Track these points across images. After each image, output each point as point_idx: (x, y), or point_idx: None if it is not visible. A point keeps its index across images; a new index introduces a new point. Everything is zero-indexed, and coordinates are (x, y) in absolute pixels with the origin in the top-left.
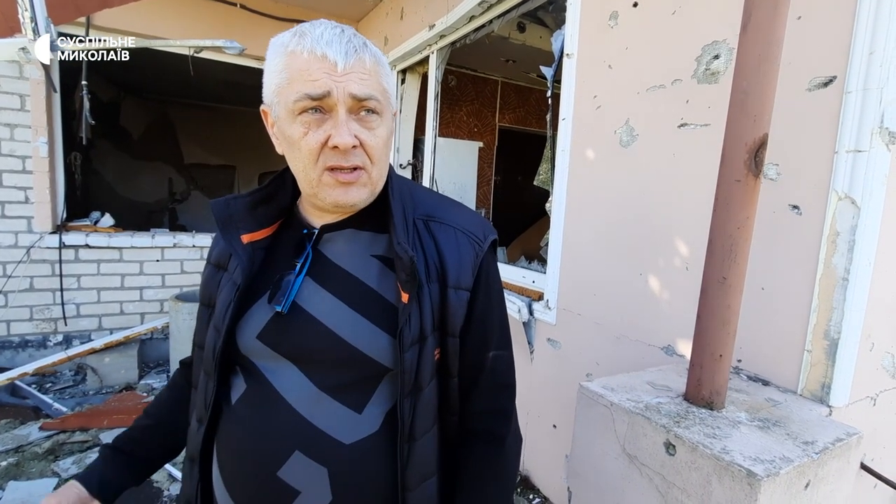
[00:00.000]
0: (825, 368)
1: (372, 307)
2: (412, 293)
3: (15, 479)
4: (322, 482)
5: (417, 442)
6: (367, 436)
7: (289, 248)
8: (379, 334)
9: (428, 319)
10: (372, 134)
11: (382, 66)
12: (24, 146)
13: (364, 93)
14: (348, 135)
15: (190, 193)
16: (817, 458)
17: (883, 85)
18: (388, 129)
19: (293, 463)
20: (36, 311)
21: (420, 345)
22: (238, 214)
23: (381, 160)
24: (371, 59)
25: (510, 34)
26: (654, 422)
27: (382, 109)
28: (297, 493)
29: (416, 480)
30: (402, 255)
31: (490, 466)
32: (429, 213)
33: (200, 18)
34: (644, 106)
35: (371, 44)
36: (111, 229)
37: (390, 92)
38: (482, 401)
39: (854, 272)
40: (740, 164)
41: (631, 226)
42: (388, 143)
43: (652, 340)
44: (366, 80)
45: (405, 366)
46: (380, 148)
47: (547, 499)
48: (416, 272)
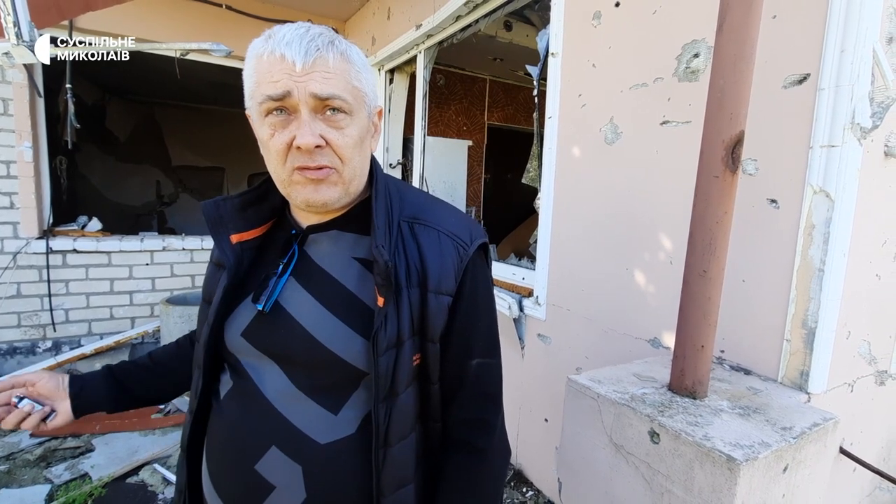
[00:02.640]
0: (803, 357)
1: (349, 310)
2: (388, 297)
3: (7, 487)
4: (296, 479)
5: (393, 448)
6: (343, 437)
7: (277, 248)
8: (354, 338)
9: (406, 324)
10: (340, 133)
11: (352, 64)
12: (9, 151)
13: (326, 92)
14: (310, 135)
15: (178, 196)
16: (795, 443)
17: (854, 82)
18: (360, 127)
19: (270, 458)
20: (24, 318)
21: (397, 349)
22: (228, 215)
23: (353, 160)
24: (336, 57)
25: (497, 33)
26: (638, 412)
27: (351, 108)
28: (272, 489)
29: (392, 486)
30: (378, 259)
31: (468, 478)
32: (415, 214)
33: (185, 20)
34: (628, 104)
35: (344, 42)
36: (99, 233)
37: (365, 90)
38: (463, 410)
39: (829, 263)
40: (718, 160)
41: (617, 222)
42: (361, 142)
43: (639, 333)
44: (329, 78)
45: (379, 370)
46: (349, 147)
47: (540, 491)
48: (391, 276)
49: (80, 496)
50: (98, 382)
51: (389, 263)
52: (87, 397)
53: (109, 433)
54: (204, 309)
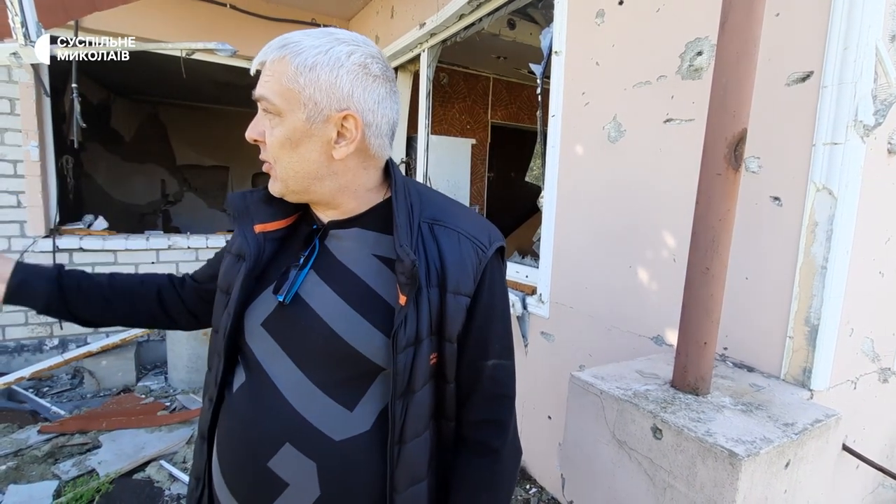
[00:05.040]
0: (806, 354)
1: (370, 306)
2: (410, 296)
3: (15, 483)
4: (311, 476)
5: (408, 444)
6: (358, 434)
7: (299, 242)
8: (374, 333)
9: (425, 323)
10: (269, 133)
11: (290, 65)
12: (16, 150)
13: (256, 93)
14: (250, 129)
15: (183, 195)
16: (797, 439)
17: (857, 79)
18: (291, 130)
19: (283, 455)
20: (31, 316)
21: (415, 347)
22: (254, 206)
23: (281, 159)
24: (276, 60)
25: (501, 31)
26: (641, 408)
27: (279, 110)
28: (286, 486)
29: (406, 483)
30: (403, 258)
31: (483, 477)
32: (435, 216)
33: (190, 19)
34: (631, 102)
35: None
36: (105, 232)
37: (304, 92)
38: (479, 410)
39: (832, 260)
40: (720, 158)
41: (620, 219)
42: (290, 143)
43: (642, 331)
44: (267, 81)
45: (398, 367)
46: (274, 147)
47: (543, 488)
48: (416, 275)
49: (87, 492)
50: (40, 283)
51: (417, 263)
52: (23, 292)
53: (116, 430)
54: (221, 299)
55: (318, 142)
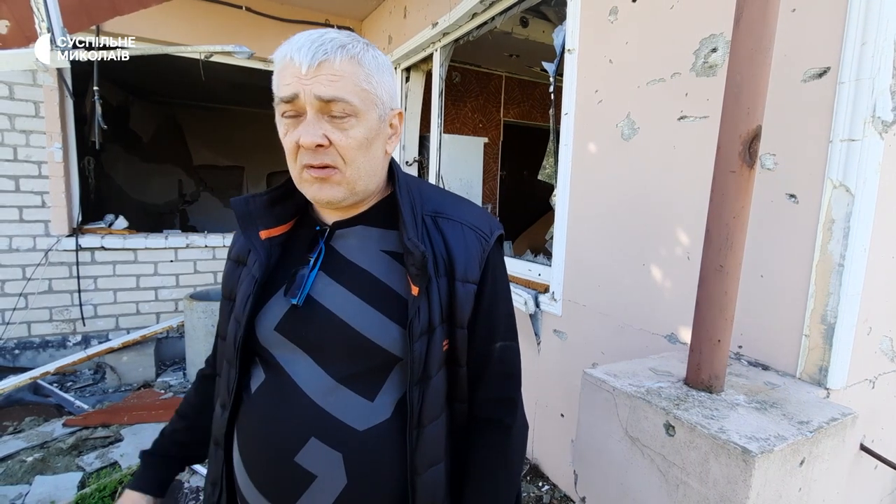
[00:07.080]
0: (822, 352)
1: (382, 300)
2: (422, 286)
3: (41, 474)
4: (337, 467)
5: (426, 428)
6: (379, 423)
7: (303, 244)
8: (389, 325)
9: (436, 312)
10: (344, 134)
11: (363, 67)
12: (40, 151)
13: (328, 94)
14: (311, 134)
15: (200, 195)
16: (811, 437)
17: (875, 75)
18: (368, 129)
19: (309, 449)
20: (55, 313)
21: (429, 335)
22: (257, 211)
23: (356, 160)
24: (344, 60)
25: (513, 29)
26: (654, 405)
27: (357, 111)
28: (313, 478)
29: (425, 465)
30: (413, 251)
31: (497, 453)
32: (437, 209)
33: (207, 22)
34: (644, 99)
35: (360, 46)
36: (125, 231)
37: (376, 93)
38: (490, 390)
39: (849, 258)
40: (735, 155)
41: (633, 217)
42: (367, 143)
43: (655, 329)
44: (335, 81)
45: (414, 355)
46: (352, 149)
47: (555, 486)
48: (426, 266)
49: (110, 483)
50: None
51: (427, 254)
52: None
53: (137, 424)
54: (225, 306)
55: (382, 139)
